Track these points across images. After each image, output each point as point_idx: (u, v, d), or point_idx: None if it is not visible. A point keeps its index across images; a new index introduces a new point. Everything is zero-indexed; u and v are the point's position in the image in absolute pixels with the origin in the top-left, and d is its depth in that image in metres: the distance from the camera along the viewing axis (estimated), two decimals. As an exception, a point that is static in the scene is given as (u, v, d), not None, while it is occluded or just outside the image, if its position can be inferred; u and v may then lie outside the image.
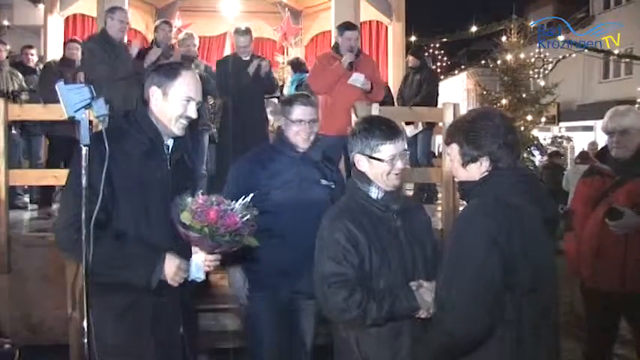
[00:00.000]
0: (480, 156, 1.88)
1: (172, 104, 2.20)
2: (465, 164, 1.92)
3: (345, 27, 5.17)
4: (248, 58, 5.64)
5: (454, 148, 1.95)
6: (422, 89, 6.76)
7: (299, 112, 2.87)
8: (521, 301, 1.78)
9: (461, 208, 5.23)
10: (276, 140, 2.99)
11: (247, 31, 5.67)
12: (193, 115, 2.23)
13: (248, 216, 2.08)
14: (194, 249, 2.13)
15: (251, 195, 2.17)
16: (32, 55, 6.98)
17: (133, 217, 2.12)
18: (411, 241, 2.21)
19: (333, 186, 2.94)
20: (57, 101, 1.94)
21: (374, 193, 2.21)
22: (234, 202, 2.10)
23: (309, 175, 2.90)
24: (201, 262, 2.14)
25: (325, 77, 5.02)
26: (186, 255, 2.14)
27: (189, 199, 2.05)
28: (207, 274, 2.25)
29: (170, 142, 2.26)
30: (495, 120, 1.90)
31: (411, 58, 7.21)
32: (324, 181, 2.92)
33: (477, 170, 1.90)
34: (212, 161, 6.22)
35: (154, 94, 2.21)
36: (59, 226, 2.12)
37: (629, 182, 3.06)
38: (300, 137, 2.87)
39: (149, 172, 2.17)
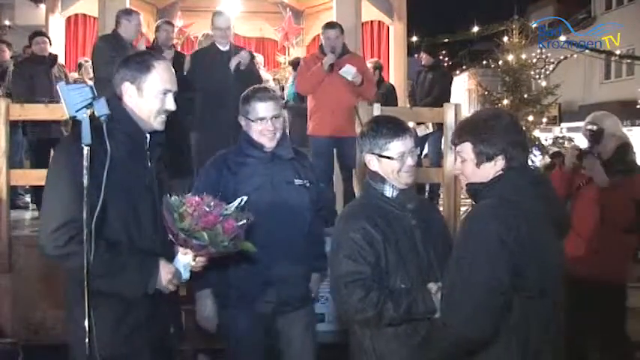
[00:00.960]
0: (495, 154, 1.86)
1: (149, 100, 2.10)
2: (479, 164, 1.90)
3: (326, 26, 5.15)
4: (227, 48, 5.11)
5: (467, 147, 1.92)
6: (434, 89, 6.72)
7: (259, 109, 2.65)
8: (529, 303, 1.77)
9: (462, 208, 5.23)
10: (241, 142, 2.75)
11: (225, 16, 5.15)
12: (172, 107, 2.15)
13: (244, 220, 2.07)
14: (182, 250, 2.07)
15: (245, 198, 2.13)
16: None
17: (121, 219, 2.05)
18: (427, 240, 2.20)
19: (307, 184, 2.78)
20: (30, 101, 1.95)
21: (388, 191, 2.22)
22: (230, 204, 2.08)
23: (282, 176, 2.72)
24: (188, 262, 2.10)
25: (308, 79, 5.00)
26: (171, 252, 2.12)
27: (179, 200, 2.01)
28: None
29: (147, 137, 2.17)
30: (507, 119, 1.91)
31: (424, 55, 7.13)
32: (297, 181, 2.74)
33: (492, 169, 1.88)
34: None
35: (128, 90, 2.10)
36: (45, 231, 1.98)
37: None
38: (264, 137, 2.66)
39: (133, 171, 2.10)
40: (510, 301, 1.75)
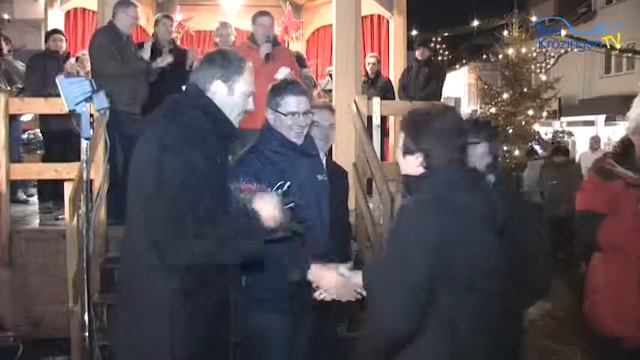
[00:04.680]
0: (416, 150, 1.91)
1: (237, 99, 2.19)
2: (404, 154, 1.96)
3: (258, 14, 5.00)
4: None
5: (401, 135, 1.99)
6: (431, 83, 6.71)
7: (292, 103, 2.56)
8: (457, 298, 1.79)
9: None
10: (269, 137, 2.63)
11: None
12: (252, 107, 2.26)
13: (291, 204, 2.16)
14: None
15: (288, 183, 2.21)
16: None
17: (215, 207, 2.05)
18: None
19: (326, 178, 2.75)
20: (44, 95, 1.95)
21: None
22: (277, 189, 2.20)
23: (309, 172, 2.65)
24: None
25: None
26: None
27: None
28: None
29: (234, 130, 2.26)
30: (443, 120, 1.91)
31: (422, 49, 7.14)
32: (320, 176, 2.71)
33: (414, 163, 1.93)
34: None
35: (218, 87, 2.15)
36: (173, 240, 1.93)
37: None
38: (293, 132, 2.57)
39: (223, 167, 2.18)
40: (438, 294, 1.77)
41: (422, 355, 1.82)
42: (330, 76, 6.77)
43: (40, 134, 6.61)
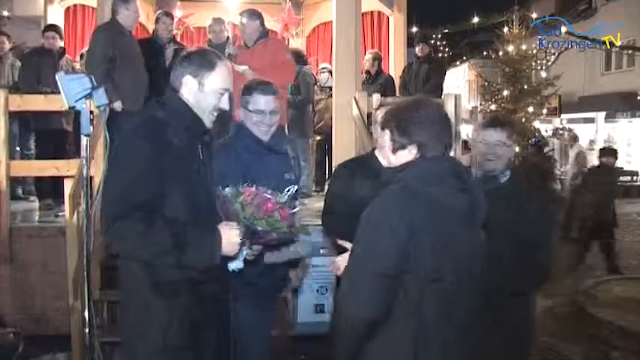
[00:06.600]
0: (408, 144, 1.92)
1: (208, 96, 2.15)
2: (394, 150, 1.96)
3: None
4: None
5: (386, 134, 1.99)
6: (432, 80, 6.70)
7: (260, 101, 2.71)
8: (423, 288, 1.80)
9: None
10: (239, 134, 2.78)
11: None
12: (226, 106, 2.21)
13: (297, 208, 2.15)
14: None
15: (296, 187, 2.22)
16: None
17: (179, 211, 2.03)
18: None
19: (293, 177, 2.81)
20: (38, 93, 1.94)
21: None
22: (283, 193, 2.16)
23: (276, 170, 2.73)
24: (243, 252, 2.14)
25: None
26: None
27: (235, 191, 2.08)
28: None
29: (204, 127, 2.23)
30: (428, 110, 1.93)
31: (422, 46, 7.13)
32: (287, 175, 2.77)
33: (406, 157, 1.94)
34: None
35: (188, 83, 2.14)
36: (109, 218, 1.96)
37: None
38: (259, 129, 2.72)
39: (190, 162, 2.12)
40: (405, 282, 1.80)
41: (387, 343, 1.84)
42: (330, 72, 6.76)
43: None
